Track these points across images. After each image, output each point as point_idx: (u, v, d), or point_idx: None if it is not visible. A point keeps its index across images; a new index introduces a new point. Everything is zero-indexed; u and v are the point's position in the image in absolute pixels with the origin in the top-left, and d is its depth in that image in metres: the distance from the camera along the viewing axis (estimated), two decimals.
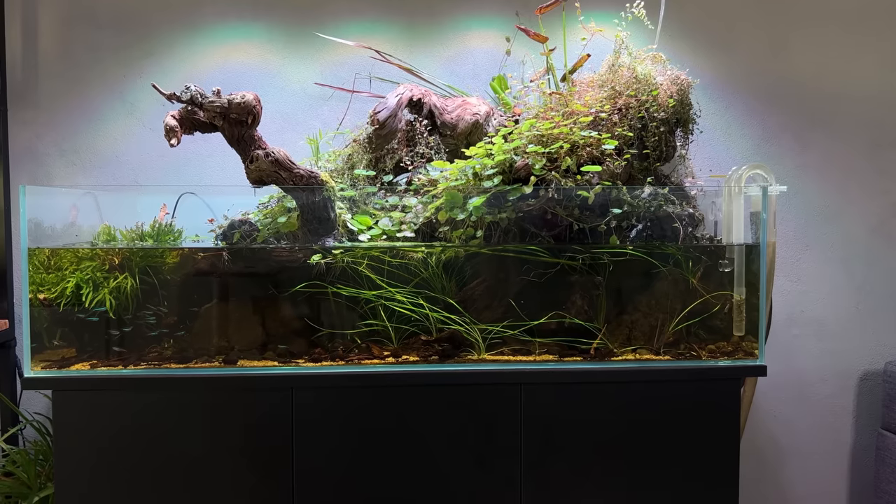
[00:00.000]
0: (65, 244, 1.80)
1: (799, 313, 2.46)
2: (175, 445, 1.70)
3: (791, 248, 2.45)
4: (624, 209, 1.79)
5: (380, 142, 1.98)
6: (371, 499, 1.74)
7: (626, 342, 1.82)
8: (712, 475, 1.77)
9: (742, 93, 2.43)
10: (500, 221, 1.79)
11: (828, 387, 2.48)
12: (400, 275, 1.79)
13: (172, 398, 1.70)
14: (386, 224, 1.85)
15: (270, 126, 2.30)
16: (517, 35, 2.17)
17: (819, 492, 2.49)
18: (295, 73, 2.37)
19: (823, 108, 2.44)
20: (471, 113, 2.01)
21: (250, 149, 1.78)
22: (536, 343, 1.80)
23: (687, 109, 1.96)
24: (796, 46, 2.43)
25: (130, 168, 2.35)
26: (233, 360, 1.75)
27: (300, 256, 1.76)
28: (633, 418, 1.76)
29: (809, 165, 2.44)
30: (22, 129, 2.32)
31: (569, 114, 1.89)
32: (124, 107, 2.34)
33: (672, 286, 1.81)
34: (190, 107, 1.74)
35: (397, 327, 1.79)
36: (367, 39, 2.34)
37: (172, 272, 1.78)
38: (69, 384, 1.69)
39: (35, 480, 2.03)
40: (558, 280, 1.79)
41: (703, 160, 2.39)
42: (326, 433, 1.72)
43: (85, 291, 1.72)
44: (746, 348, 1.83)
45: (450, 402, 1.74)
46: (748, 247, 1.83)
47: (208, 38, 2.35)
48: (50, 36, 2.33)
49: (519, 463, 1.74)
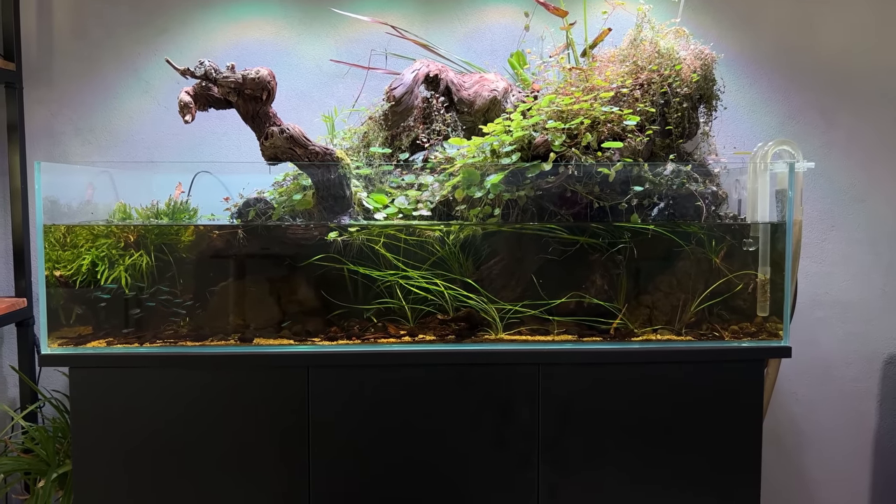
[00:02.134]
0: (80, 222, 1.79)
1: (823, 295, 2.41)
2: (190, 423, 1.70)
3: (816, 229, 2.40)
4: (645, 187, 1.75)
5: (396, 119, 1.95)
6: (387, 477, 1.73)
7: (647, 322, 1.78)
8: (734, 458, 1.74)
9: (767, 68, 2.36)
10: (518, 199, 1.76)
11: (852, 370, 2.43)
12: (417, 253, 1.76)
13: (188, 376, 1.70)
14: (402, 202, 1.82)
15: (286, 104, 2.28)
16: (536, 9, 2.13)
17: (841, 476, 2.45)
18: (310, 50, 2.34)
19: (850, 85, 2.37)
20: (488, 89, 1.97)
21: (265, 125, 1.76)
22: (555, 323, 1.77)
23: (710, 85, 1.91)
24: (823, 21, 2.36)
25: (146, 146, 2.33)
26: (249, 339, 1.74)
27: (316, 234, 1.74)
28: (652, 400, 1.73)
29: (835, 144, 2.38)
30: (38, 107, 2.31)
31: (589, 89, 1.85)
32: (139, 84, 2.32)
33: (694, 265, 1.78)
34: (204, 82, 1.72)
35: (414, 307, 1.76)
36: (383, 15, 2.30)
37: (188, 250, 1.77)
38: (86, 361, 1.69)
39: (54, 457, 2.04)
40: (578, 259, 1.75)
41: (726, 137, 2.34)
42: (342, 412, 1.71)
43: (101, 269, 1.72)
44: (770, 329, 1.79)
45: (466, 381, 1.72)
46: (773, 225, 1.78)
47: (223, 14, 2.32)
48: (65, 14, 2.31)
49: (536, 443, 1.72)
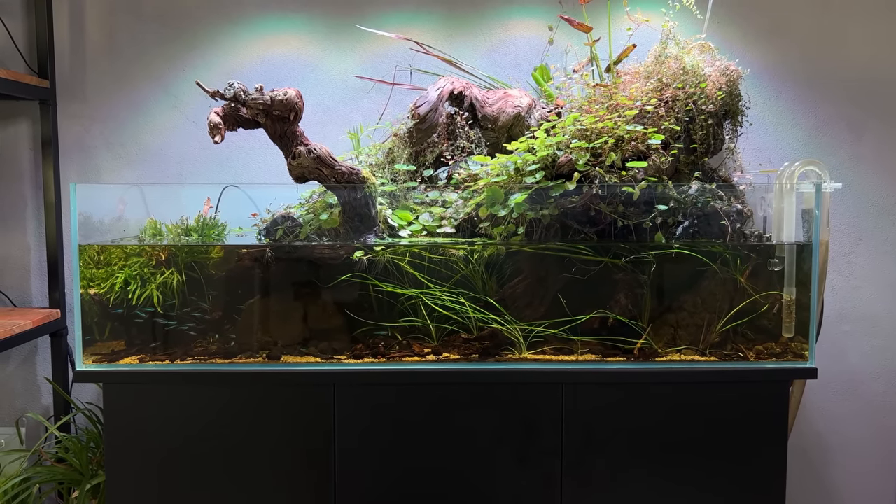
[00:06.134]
0: (113, 239, 1.83)
1: (851, 309, 2.39)
2: (219, 439, 1.73)
3: (843, 243, 2.37)
4: (670, 205, 1.75)
5: (420, 136, 1.97)
6: (412, 495, 1.75)
7: (671, 342, 1.78)
8: (758, 479, 1.74)
9: (793, 81, 2.34)
10: (542, 218, 1.77)
11: (879, 385, 2.41)
12: (440, 271, 1.78)
13: (217, 393, 1.73)
14: (426, 219, 1.84)
15: (311, 118, 2.30)
16: (560, 23, 2.13)
17: (866, 492, 2.43)
18: (335, 66, 2.37)
19: (879, 97, 2.34)
20: (512, 105, 1.98)
21: (292, 145, 1.79)
22: (578, 342, 1.78)
23: (736, 101, 1.90)
24: (850, 32, 2.33)
25: (175, 161, 2.38)
26: (276, 356, 1.78)
27: (342, 254, 1.76)
28: (676, 420, 1.73)
29: (864, 157, 2.35)
30: (71, 122, 2.36)
31: (613, 107, 1.85)
32: (168, 100, 2.37)
33: (719, 285, 1.77)
34: (233, 104, 1.75)
35: (438, 326, 1.78)
36: (408, 31, 2.32)
37: (216, 268, 1.81)
38: (119, 378, 1.74)
39: (87, 467, 2.09)
40: (602, 278, 1.76)
41: (752, 152, 2.32)
42: (368, 429, 1.74)
43: (133, 287, 1.76)
44: (795, 349, 1.78)
45: (490, 400, 1.73)
46: (800, 246, 1.77)
47: (250, 30, 2.35)
48: (97, 31, 2.36)
49: (560, 463, 1.73)
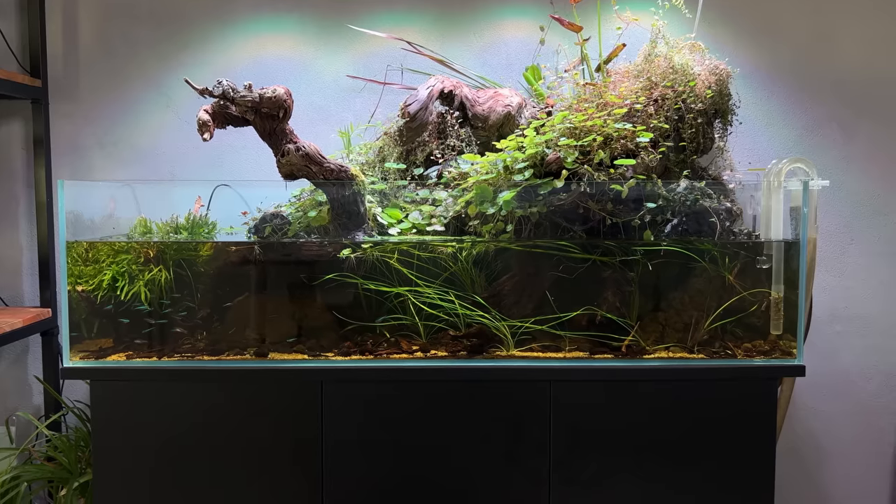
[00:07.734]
0: (102, 237, 1.83)
1: (842, 309, 2.38)
2: (206, 435, 1.73)
3: (835, 242, 2.37)
4: (659, 203, 1.75)
5: (411, 135, 1.97)
6: (399, 492, 1.74)
7: (659, 340, 1.78)
8: (746, 476, 1.73)
9: (785, 81, 2.34)
10: (530, 216, 1.77)
11: (872, 385, 2.40)
12: (429, 269, 1.78)
13: (205, 389, 1.73)
14: (416, 217, 1.84)
15: (303, 118, 2.30)
16: (552, 23, 2.13)
17: (859, 493, 2.42)
18: (327, 65, 2.37)
19: (870, 97, 2.34)
20: (503, 104, 1.99)
21: (282, 143, 1.79)
22: (567, 340, 1.77)
23: (726, 100, 1.91)
24: (842, 33, 2.33)
25: (167, 160, 2.38)
26: (263, 353, 1.77)
27: (330, 251, 1.77)
28: (664, 417, 1.73)
29: (855, 157, 2.35)
30: (63, 122, 2.37)
31: (603, 105, 1.85)
32: (161, 99, 2.37)
33: (707, 283, 1.77)
34: (222, 101, 1.75)
35: (426, 323, 1.78)
36: (400, 30, 2.32)
37: (205, 265, 1.81)
38: (106, 374, 1.74)
39: (76, 465, 2.09)
40: (590, 276, 1.76)
41: (743, 151, 2.32)
42: (355, 426, 1.73)
43: (120, 284, 1.76)
44: (784, 347, 1.77)
45: (478, 397, 1.73)
46: (787, 243, 1.77)
47: (242, 30, 2.36)
48: (90, 30, 2.37)
49: (547, 460, 1.73)
